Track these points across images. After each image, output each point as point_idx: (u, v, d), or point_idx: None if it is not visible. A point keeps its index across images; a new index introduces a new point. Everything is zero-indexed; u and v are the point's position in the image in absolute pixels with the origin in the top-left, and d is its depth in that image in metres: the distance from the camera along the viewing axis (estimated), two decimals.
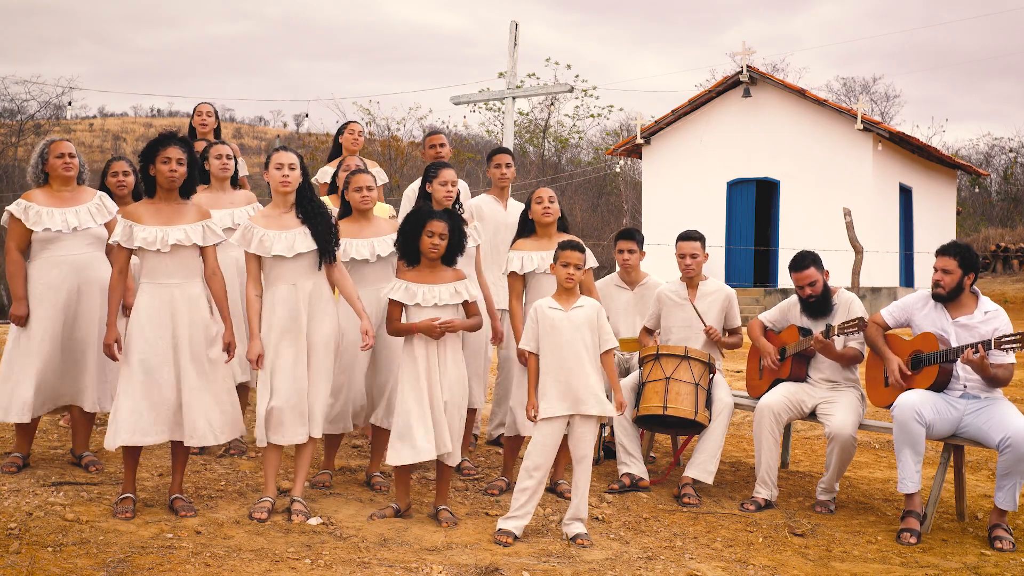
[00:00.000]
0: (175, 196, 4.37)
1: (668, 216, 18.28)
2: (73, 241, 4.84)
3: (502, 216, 5.73)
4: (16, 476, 4.76)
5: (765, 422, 5.11)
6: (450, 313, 4.47)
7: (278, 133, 52.08)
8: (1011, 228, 27.79)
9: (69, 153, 4.93)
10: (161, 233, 4.25)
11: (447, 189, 5.08)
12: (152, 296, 4.27)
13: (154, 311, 4.25)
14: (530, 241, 5.03)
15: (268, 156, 4.58)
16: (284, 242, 4.39)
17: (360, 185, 4.84)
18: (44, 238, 4.81)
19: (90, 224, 4.88)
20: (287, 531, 4.20)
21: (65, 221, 4.81)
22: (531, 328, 4.39)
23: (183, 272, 4.32)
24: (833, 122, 17.75)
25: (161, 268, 4.28)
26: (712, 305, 5.56)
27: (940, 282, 4.77)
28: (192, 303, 4.31)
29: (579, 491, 4.31)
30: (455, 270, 4.54)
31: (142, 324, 4.24)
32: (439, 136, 6.31)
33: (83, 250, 4.86)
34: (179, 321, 4.27)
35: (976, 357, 4.50)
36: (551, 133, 33.58)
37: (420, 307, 4.43)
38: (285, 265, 4.40)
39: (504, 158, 5.81)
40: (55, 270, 4.79)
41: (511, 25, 11.47)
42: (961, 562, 4.26)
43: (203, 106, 6.73)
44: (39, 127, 30.02)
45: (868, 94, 37.86)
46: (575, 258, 4.35)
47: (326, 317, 4.44)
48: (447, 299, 4.46)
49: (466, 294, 4.50)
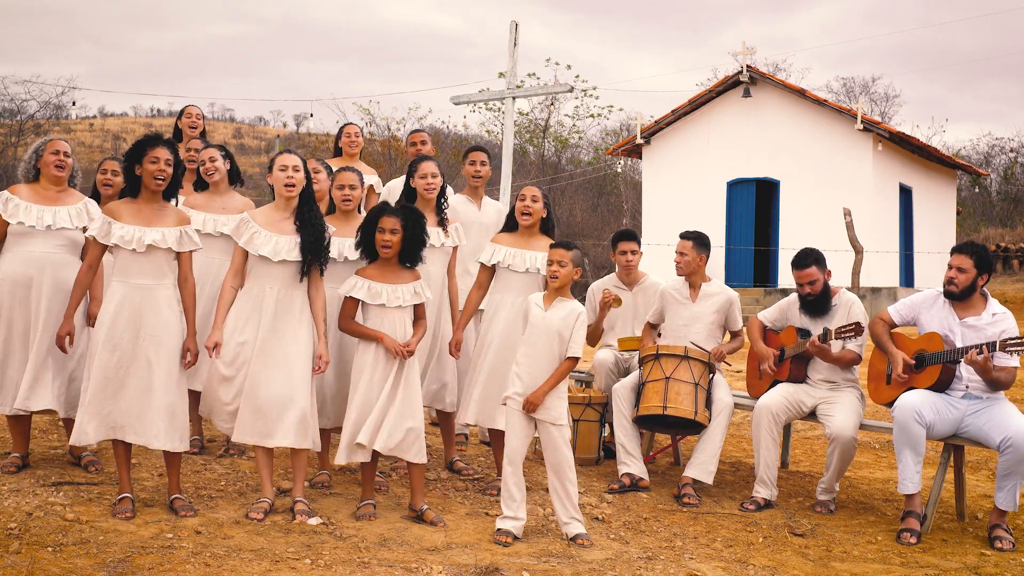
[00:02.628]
0: (158, 198, 4.37)
1: (668, 216, 18.28)
2: (45, 239, 4.80)
3: (475, 215, 5.72)
4: (16, 476, 4.76)
5: (764, 422, 5.11)
6: (409, 314, 4.55)
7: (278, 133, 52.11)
8: (1011, 228, 27.76)
9: (64, 152, 4.93)
10: (139, 233, 4.25)
11: (426, 182, 5.12)
12: (122, 295, 4.26)
13: (122, 310, 4.24)
14: (509, 237, 5.02)
15: (271, 159, 4.58)
16: (273, 245, 4.39)
17: (343, 183, 4.86)
18: (17, 231, 4.79)
19: (66, 225, 4.84)
20: (287, 531, 4.20)
21: (40, 218, 4.79)
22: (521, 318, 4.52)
23: (155, 273, 4.30)
24: (833, 122, 17.75)
25: (134, 268, 4.27)
26: (713, 307, 5.55)
27: (954, 279, 4.75)
28: (160, 305, 4.29)
29: (558, 496, 4.30)
30: (413, 271, 4.57)
31: (110, 322, 4.23)
32: (420, 134, 6.44)
33: (53, 250, 4.81)
34: (145, 322, 4.25)
35: (980, 358, 4.49)
36: (551, 133, 33.56)
37: (385, 307, 4.46)
38: (268, 267, 4.41)
39: (479, 156, 5.81)
40: (21, 266, 4.77)
41: (511, 25, 11.47)
42: (961, 562, 4.26)
43: (192, 108, 6.72)
44: (39, 127, 30.01)
45: (868, 94, 37.87)
46: (557, 255, 4.37)
47: (299, 327, 4.42)
48: (409, 299, 4.52)
49: (423, 295, 4.58)
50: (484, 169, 5.81)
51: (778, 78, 19.70)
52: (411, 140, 6.45)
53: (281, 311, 4.40)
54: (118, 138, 64.25)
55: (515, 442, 4.31)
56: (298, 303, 4.44)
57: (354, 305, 4.53)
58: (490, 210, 5.84)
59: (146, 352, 4.23)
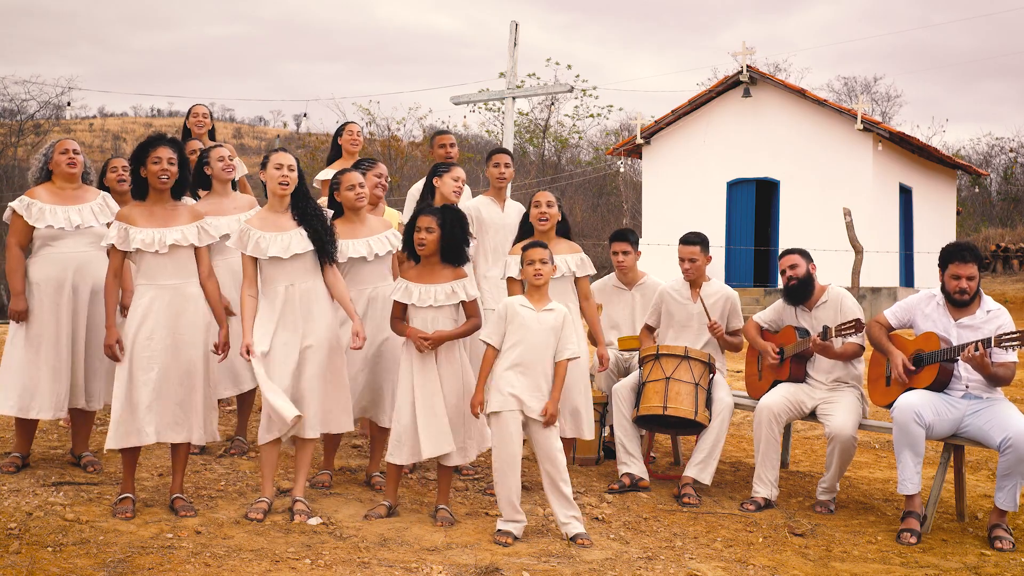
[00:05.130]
0: (167, 197, 4.38)
1: (668, 216, 18.27)
2: (75, 239, 4.84)
3: (500, 217, 5.73)
4: (16, 476, 4.76)
5: (764, 422, 5.11)
6: (447, 313, 4.47)
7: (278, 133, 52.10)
8: (1011, 228, 27.79)
9: (73, 150, 4.95)
10: (158, 235, 4.27)
11: (458, 184, 5.21)
12: (152, 298, 4.28)
13: (154, 312, 4.26)
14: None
15: (266, 156, 4.58)
16: (280, 243, 4.39)
17: (352, 183, 4.85)
18: (46, 235, 4.81)
19: (92, 223, 4.88)
20: (287, 531, 4.20)
21: (68, 219, 4.82)
22: (497, 323, 4.35)
23: (182, 273, 4.34)
24: (833, 122, 17.74)
25: (160, 269, 4.29)
26: (713, 307, 5.56)
27: (966, 289, 4.73)
28: (191, 303, 4.34)
29: (555, 495, 4.28)
30: (455, 269, 4.53)
31: (141, 325, 4.25)
32: (448, 136, 6.29)
33: (84, 248, 4.86)
34: (180, 322, 4.29)
35: (976, 355, 4.49)
36: (551, 133, 33.57)
37: (416, 307, 4.45)
38: (282, 266, 4.41)
39: (503, 158, 5.81)
40: (55, 267, 4.79)
41: (511, 25, 11.48)
42: (961, 562, 4.26)
43: (199, 107, 6.73)
44: (39, 127, 30.03)
45: (869, 94, 37.87)
46: (538, 254, 4.36)
47: (323, 318, 4.44)
48: (443, 299, 4.46)
49: (463, 294, 4.49)
50: (508, 171, 5.82)
51: (778, 78, 19.69)
52: (439, 142, 6.26)
53: (311, 303, 4.41)
54: (118, 138, 64.25)
55: (514, 448, 4.26)
56: (322, 293, 4.46)
57: (400, 307, 4.52)
58: (513, 211, 5.82)
59: (181, 350, 4.27)
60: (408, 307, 4.49)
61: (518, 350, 4.29)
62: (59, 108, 31.27)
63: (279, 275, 4.41)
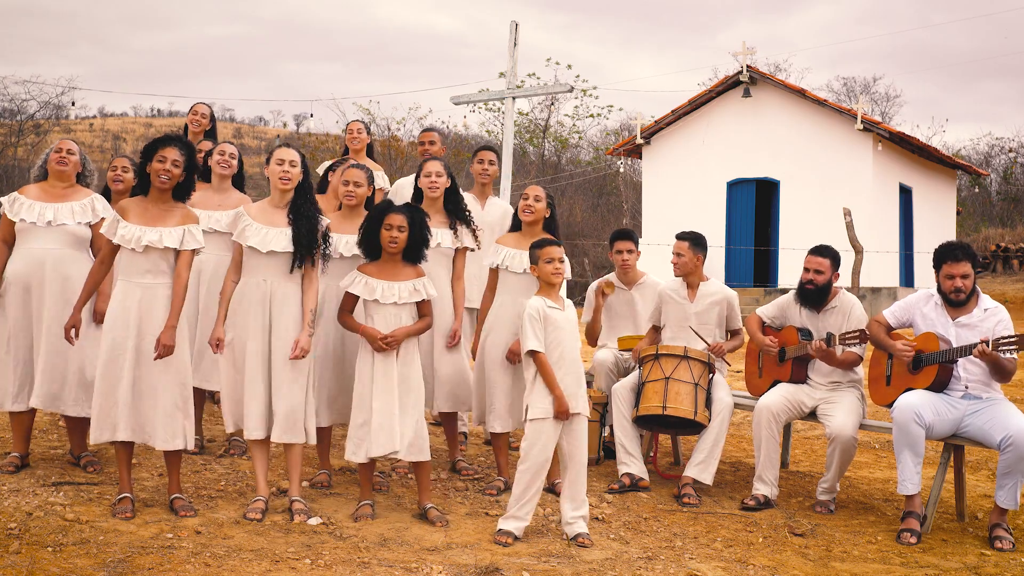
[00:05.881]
0: (166, 197, 4.38)
1: (668, 216, 18.25)
2: (47, 235, 4.80)
3: (478, 214, 5.71)
4: (16, 476, 4.76)
5: (764, 422, 5.11)
6: (409, 311, 4.51)
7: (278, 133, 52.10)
8: (1011, 228, 27.79)
9: (68, 150, 4.95)
10: (138, 232, 4.26)
11: (430, 180, 5.12)
12: (124, 294, 4.29)
13: (123, 308, 4.26)
14: (513, 237, 5.03)
15: (270, 152, 4.59)
16: (262, 236, 4.40)
17: (348, 179, 4.86)
18: (21, 229, 4.82)
19: (67, 221, 4.83)
20: (287, 531, 4.20)
21: (41, 215, 4.80)
22: (535, 329, 4.27)
23: (155, 272, 4.30)
24: (833, 122, 17.74)
25: (135, 266, 4.29)
26: (711, 307, 5.55)
27: (962, 288, 4.74)
28: (160, 304, 4.29)
29: (576, 490, 4.30)
30: (416, 267, 4.57)
31: (112, 322, 4.27)
32: (429, 133, 6.40)
33: (53, 246, 4.80)
34: (145, 320, 4.26)
35: (989, 351, 4.49)
36: (551, 133, 33.56)
37: (379, 303, 4.46)
38: (259, 260, 4.41)
39: (488, 155, 5.84)
40: (24, 263, 4.79)
41: (511, 25, 11.47)
42: (961, 562, 4.26)
43: (199, 106, 6.75)
44: (39, 127, 30.03)
45: (868, 94, 37.86)
46: (557, 252, 4.37)
47: (290, 321, 4.41)
48: (406, 297, 4.49)
49: (424, 293, 4.54)
50: (492, 168, 5.82)
51: (778, 78, 19.68)
52: (420, 139, 6.42)
53: (276, 304, 4.40)
54: (118, 138, 64.20)
55: (549, 453, 4.26)
56: (291, 295, 4.43)
57: (352, 300, 4.53)
58: (494, 209, 5.84)
59: (147, 350, 4.24)
60: (366, 303, 4.49)
61: (558, 352, 4.28)
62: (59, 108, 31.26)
63: (256, 268, 4.43)
